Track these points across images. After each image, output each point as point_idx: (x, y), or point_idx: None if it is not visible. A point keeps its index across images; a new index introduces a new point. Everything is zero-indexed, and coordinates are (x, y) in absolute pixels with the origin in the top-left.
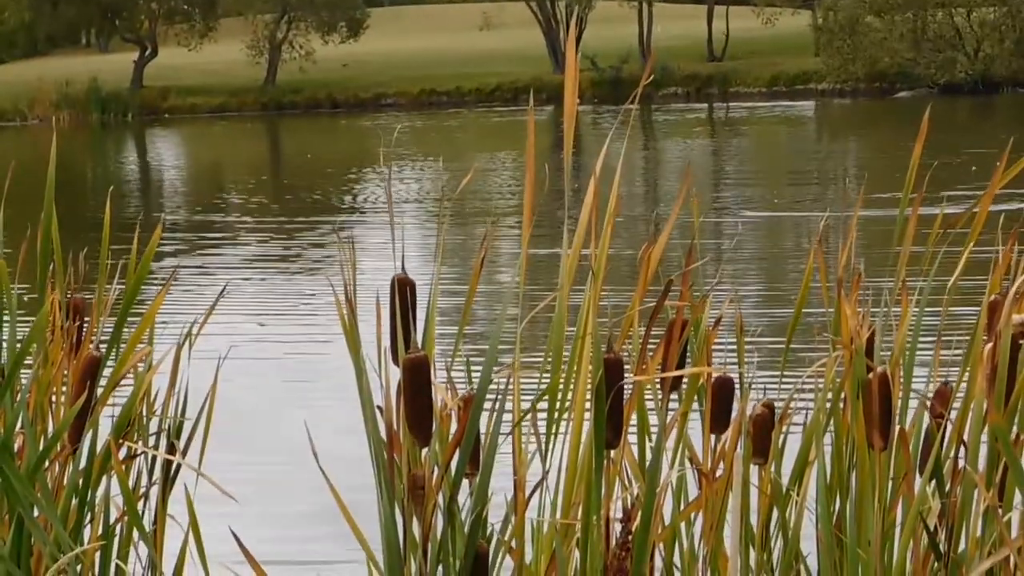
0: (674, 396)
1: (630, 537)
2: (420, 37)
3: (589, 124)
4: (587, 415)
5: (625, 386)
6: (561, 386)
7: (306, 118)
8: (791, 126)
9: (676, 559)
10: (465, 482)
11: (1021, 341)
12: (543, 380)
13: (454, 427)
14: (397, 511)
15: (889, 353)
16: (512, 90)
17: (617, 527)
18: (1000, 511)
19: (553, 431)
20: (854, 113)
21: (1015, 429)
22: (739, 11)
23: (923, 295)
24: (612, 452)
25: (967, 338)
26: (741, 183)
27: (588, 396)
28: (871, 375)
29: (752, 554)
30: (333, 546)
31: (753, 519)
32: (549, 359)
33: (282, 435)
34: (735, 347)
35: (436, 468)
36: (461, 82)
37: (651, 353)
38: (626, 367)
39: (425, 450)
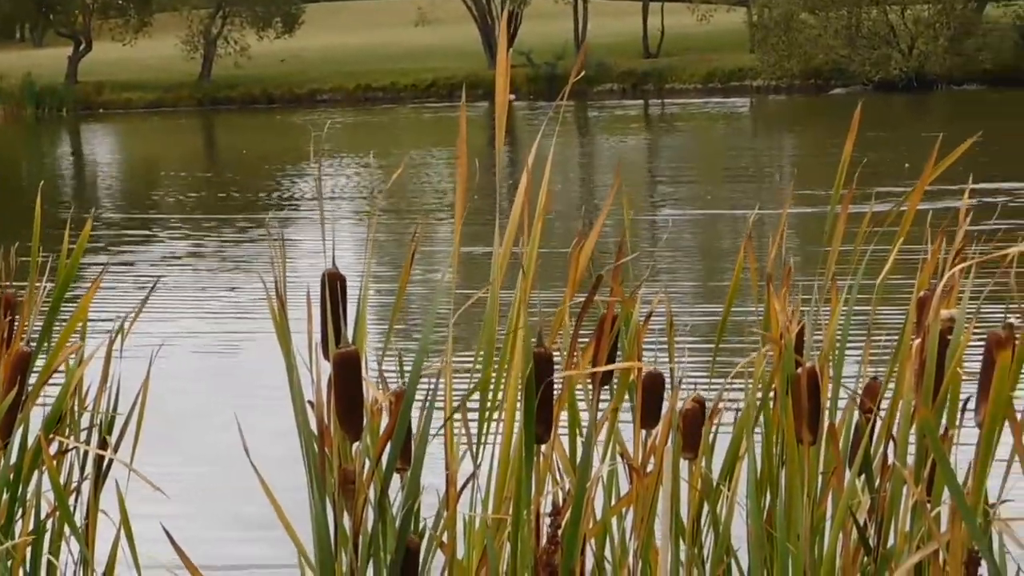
0: (606, 391)
1: (559, 532)
2: (356, 33)
3: (524, 120)
4: (519, 410)
5: (558, 382)
6: (493, 381)
7: (241, 114)
8: (726, 122)
9: (607, 553)
10: (397, 477)
11: (949, 337)
12: (475, 376)
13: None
14: (328, 506)
15: (820, 350)
16: (448, 86)
17: (547, 522)
18: (928, 506)
19: (485, 426)
20: (789, 110)
21: (943, 424)
22: (674, 8)
23: (852, 292)
24: (543, 447)
25: (897, 334)
26: (676, 180)
27: (520, 391)
28: (800, 370)
29: (683, 548)
30: (266, 544)
31: (684, 514)
32: (482, 355)
33: (214, 432)
34: (666, 343)
35: (367, 463)
36: (397, 78)
37: (583, 349)
38: (559, 363)
39: (356, 445)
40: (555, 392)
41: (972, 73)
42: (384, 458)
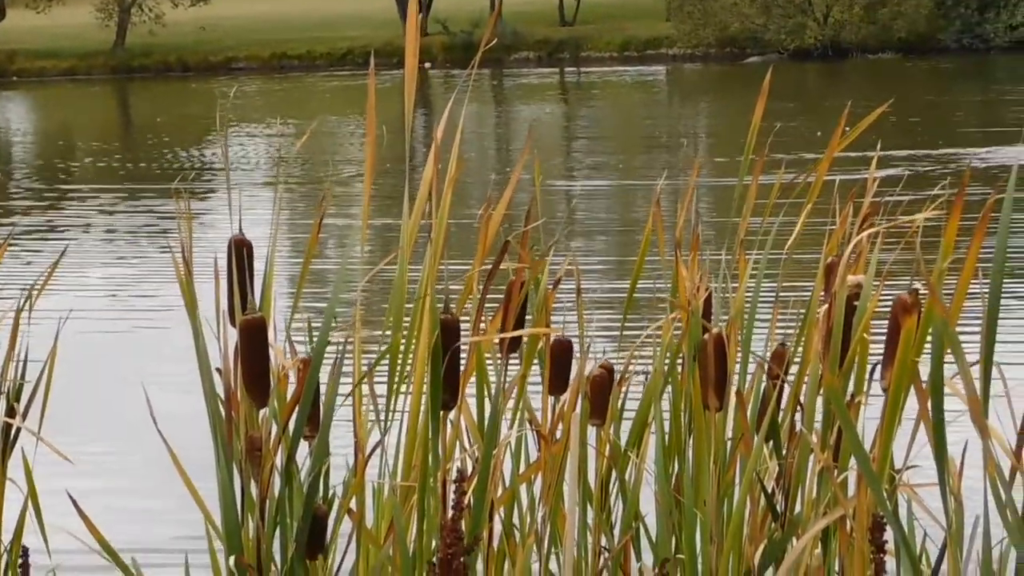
0: (517, 359)
1: (465, 498)
2: (271, 1)
3: (441, 88)
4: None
5: (468, 349)
6: (402, 348)
7: (157, 82)
8: (642, 91)
9: (516, 520)
10: (306, 444)
11: (855, 303)
12: (385, 343)
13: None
14: (236, 474)
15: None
16: (363, 54)
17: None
18: (836, 472)
19: (394, 393)
20: (705, 78)
21: (850, 390)
22: None
23: (761, 259)
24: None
25: (806, 300)
26: (591, 149)
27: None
28: (706, 336)
29: (591, 515)
30: (176, 512)
31: (593, 480)
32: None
33: (123, 401)
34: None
35: (275, 429)
36: (312, 46)
37: (492, 315)
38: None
39: (263, 411)
40: (465, 359)
41: (887, 42)
42: (291, 425)
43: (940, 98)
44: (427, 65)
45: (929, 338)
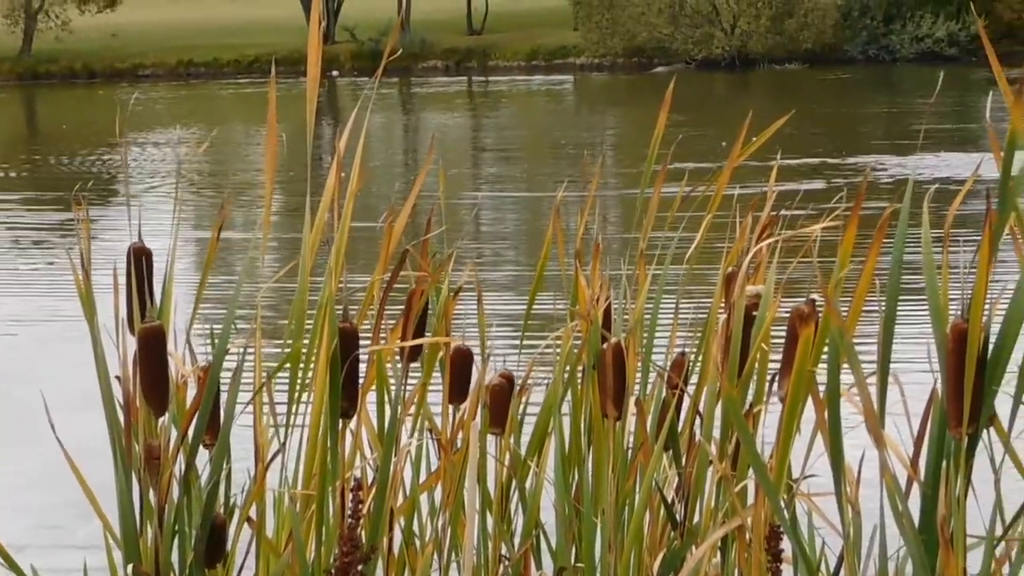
0: (417, 367)
1: (361, 507)
2: (179, 7)
3: (349, 96)
4: None
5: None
6: (303, 357)
7: (63, 88)
8: (550, 100)
9: (416, 528)
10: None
11: (754, 313)
12: (285, 350)
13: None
14: (134, 481)
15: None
16: (270, 61)
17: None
18: (734, 481)
19: (295, 400)
20: (612, 88)
21: (749, 400)
22: None
23: (663, 269)
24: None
25: (707, 309)
26: (499, 158)
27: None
28: (605, 346)
29: (492, 523)
30: (76, 521)
31: (493, 489)
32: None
33: (23, 409)
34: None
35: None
36: (219, 53)
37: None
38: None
39: (162, 419)
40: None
41: (793, 52)
42: (191, 433)
43: (845, 109)
44: (334, 73)
45: (826, 348)
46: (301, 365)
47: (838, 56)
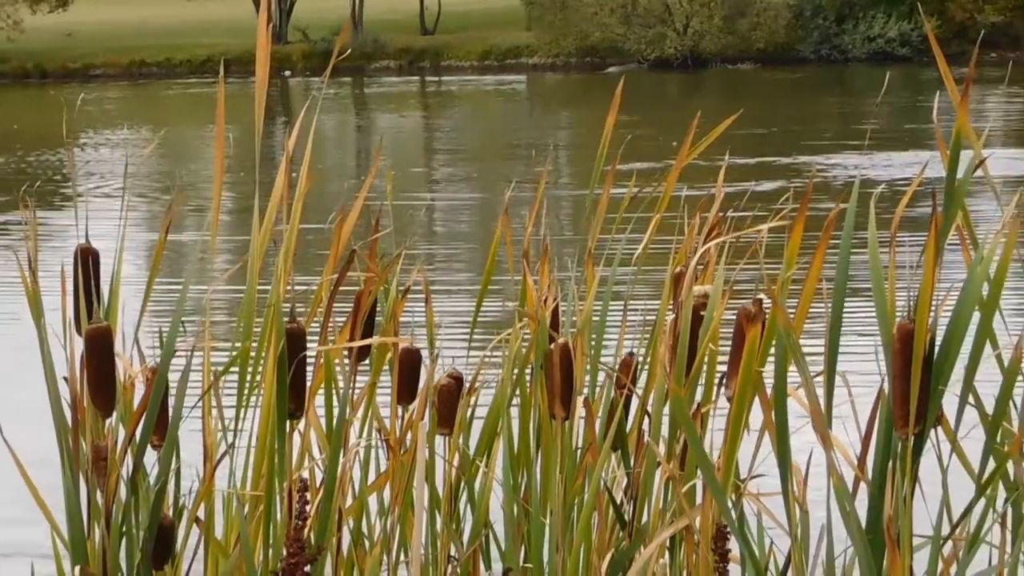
0: (366, 367)
1: (308, 507)
2: (131, 7)
3: (301, 97)
4: None
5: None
6: (252, 358)
7: (15, 88)
8: (503, 100)
9: (365, 529)
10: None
11: (702, 313)
12: (235, 351)
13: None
14: (82, 482)
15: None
16: (224, 62)
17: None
18: (682, 481)
19: (244, 402)
20: (565, 88)
21: (698, 400)
22: None
23: (611, 269)
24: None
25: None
26: (451, 158)
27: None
28: (553, 346)
29: (441, 524)
30: (24, 524)
31: (442, 489)
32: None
33: None
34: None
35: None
36: (171, 53)
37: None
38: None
39: (109, 420)
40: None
41: (746, 52)
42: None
43: (796, 109)
44: (286, 73)
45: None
46: (250, 366)
47: (790, 56)
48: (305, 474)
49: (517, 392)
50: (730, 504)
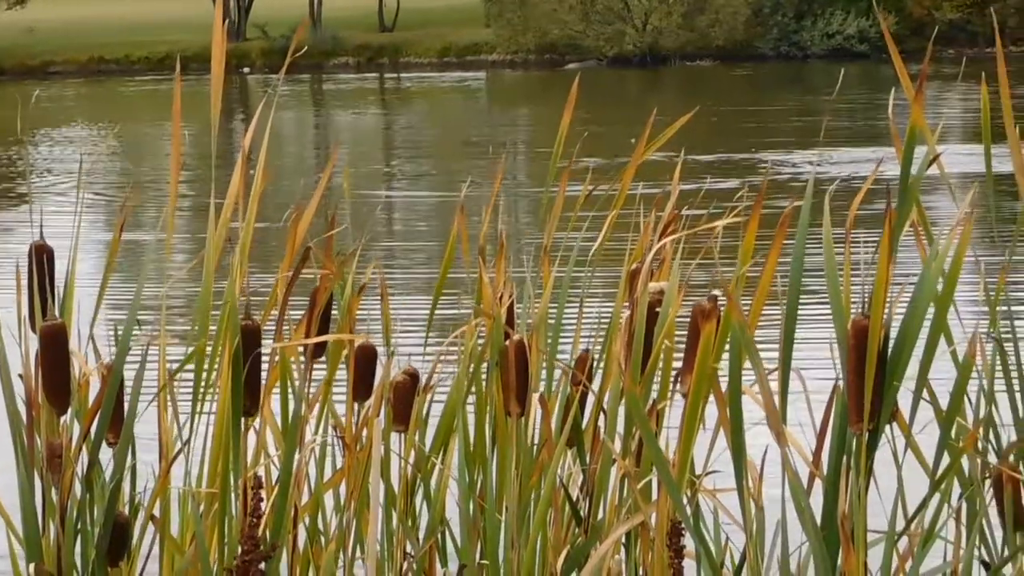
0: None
1: (262, 505)
2: (91, 4)
3: (260, 94)
4: None
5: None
6: (208, 355)
7: None
8: (462, 97)
9: (321, 525)
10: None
11: (658, 310)
12: (191, 348)
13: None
14: (37, 480)
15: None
16: (182, 59)
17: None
18: (638, 477)
19: (200, 399)
20: (524, 85)
21: (654, 396)
22: None
23: (568, 266)
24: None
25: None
26: (410, 155)
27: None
28: (508, 343)
29: (397, 520)
30: None
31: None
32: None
33: None
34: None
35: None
36: (131, 50)
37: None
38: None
39: (64, 418)
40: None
41: (705, 49)
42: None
43: (754, 106)
44: (245, 70)
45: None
46: (206, 363)
47: (749, 53)
48: (260, 471)
49: (473, 389)
50: (685, 500)
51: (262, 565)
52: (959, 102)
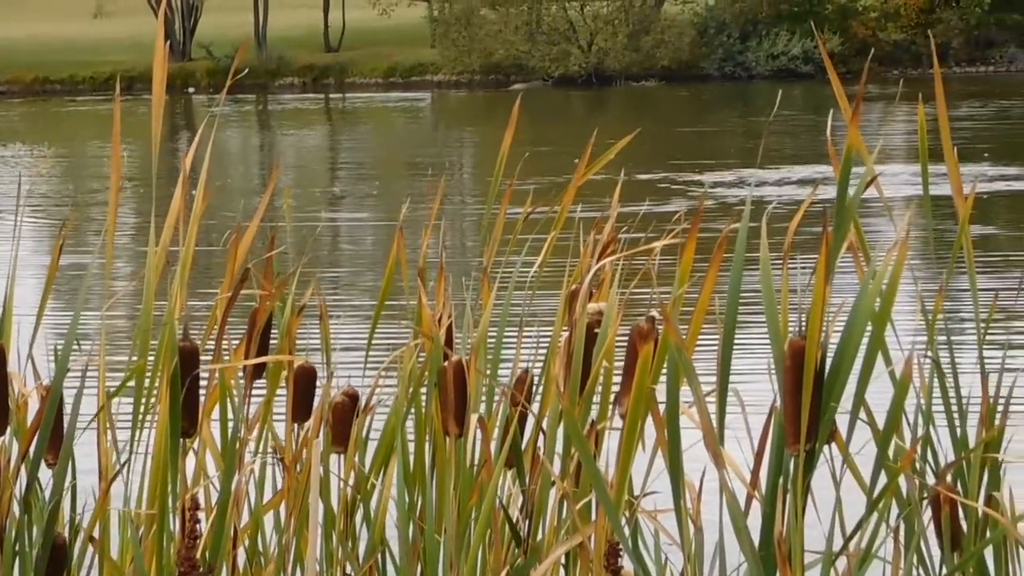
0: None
1: (198, 526)
2: (37, 25)
3: (205, 114)
4: None
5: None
6: (149, 376)
7: None
8: (408, 117)
9: (260, 547)
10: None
11: (596, 330)
12: (131, 368)
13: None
14: None
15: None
16: (127, 79)
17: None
18: (576, 498)
19: (140, 420)
20: (470, 105)
21: (593, 417)
22: (356, 1)
23: (507, 287)
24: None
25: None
26: (355, 176)
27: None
28: (447, 363)
29: (336, 541)
30: None
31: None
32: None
33: None
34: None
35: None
36: (75, 70)
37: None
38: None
39: (3, 438)
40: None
41: (650, 69)
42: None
43: (698, 126)
44: (190, 90)
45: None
46: (146, 384)
47: (695, 73)
48: (200, 493)
49: (412, 410)
50: (623, 521)
51: None
52: (903, 123)
